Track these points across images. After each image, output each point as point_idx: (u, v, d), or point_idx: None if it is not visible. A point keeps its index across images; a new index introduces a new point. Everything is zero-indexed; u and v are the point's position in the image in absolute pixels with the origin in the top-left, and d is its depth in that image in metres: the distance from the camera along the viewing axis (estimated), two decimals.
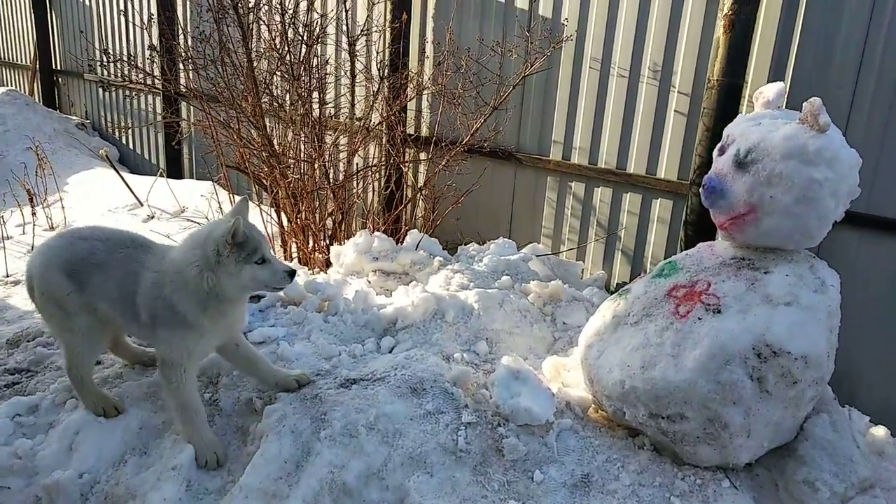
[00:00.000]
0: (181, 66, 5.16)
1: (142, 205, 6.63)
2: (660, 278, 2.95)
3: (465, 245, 4.63)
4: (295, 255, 4.92)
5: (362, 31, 4.76)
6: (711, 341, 2.52)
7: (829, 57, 3.62)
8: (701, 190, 2.78)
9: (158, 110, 7.49)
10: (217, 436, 2.81)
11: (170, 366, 2.66)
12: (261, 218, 5.15)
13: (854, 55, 3.56)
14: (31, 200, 6.32)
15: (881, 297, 3.67)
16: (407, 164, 5.13)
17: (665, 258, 4.17)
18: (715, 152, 2.85)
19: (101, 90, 8.76)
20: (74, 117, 9.40)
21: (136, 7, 7.55)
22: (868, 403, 3.47)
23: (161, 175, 7.11)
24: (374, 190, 5.23)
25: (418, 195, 5.03)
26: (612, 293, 4.27)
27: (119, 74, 7.76)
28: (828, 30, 3.60)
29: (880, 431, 3.16)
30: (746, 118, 2.81)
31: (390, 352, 3.36)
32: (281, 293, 3.75)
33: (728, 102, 3.76)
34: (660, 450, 2.78)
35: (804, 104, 2.52)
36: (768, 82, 3.57)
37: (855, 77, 3.58)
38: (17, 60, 10.84)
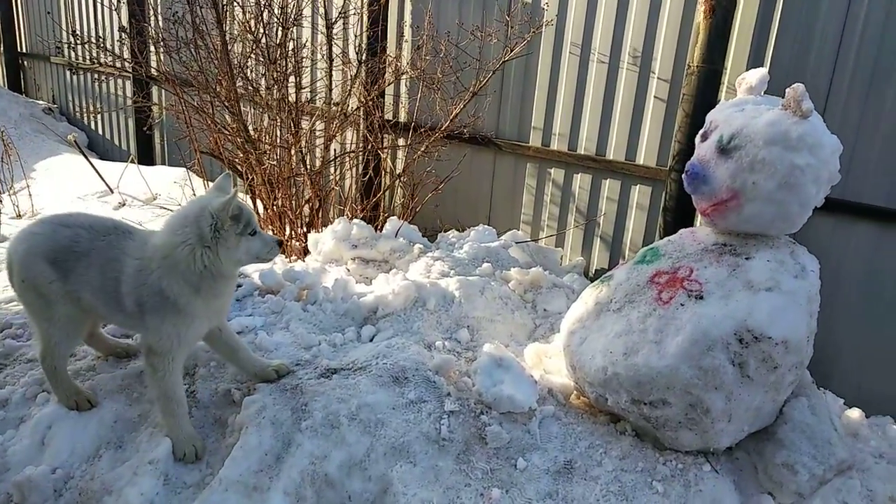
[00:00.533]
0: (153, 48, 5.02)
1: (112, 192, 6.47)
2: (642, 265, 2.95)
3: (445, 232, 4.60)
4: None
5: (340, 13, 4.67)
6: (694, 327, 2.53)
7: (807, 43, 3.64)
8: (684, 176, 2.78)
9: (129, 94, 7.31)
10: (195, 428, 2.76)
11: (157, 354, 2.58)
12: None
13: (832, 42, 3.58)
14: None
15: (855, 282, 3.72)
16: (385, 151, 5.07)
17: (644, 244, 4.20)
18: (697, 138, 2.85)
19: (68, 73, 8.51)
20: (41, 102, 9.14)
21: None
22: (842, 387, 3.53)
23: (132, 161, 6.94)
24: (351, 176, 5.16)
25: (397, 182, 4.98)
26: (591, 279, 4.28)
27: (87, 57, 7.54)
28: (806, 16, 3.62)
29: (855, 414, 3.22)
30: (729, 104, 2.81)
31: (371, 340, 3.32)
32: (258, 281, 3.69)
33: (708, 88, 3.76)
34: (641, 435, 2.79)
35: (787, 90, 2.52)
36: (748, 69, 3.58)
37: (833, 63, 3.60)
38: None
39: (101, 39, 5.23)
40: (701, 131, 2.85)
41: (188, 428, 2.69)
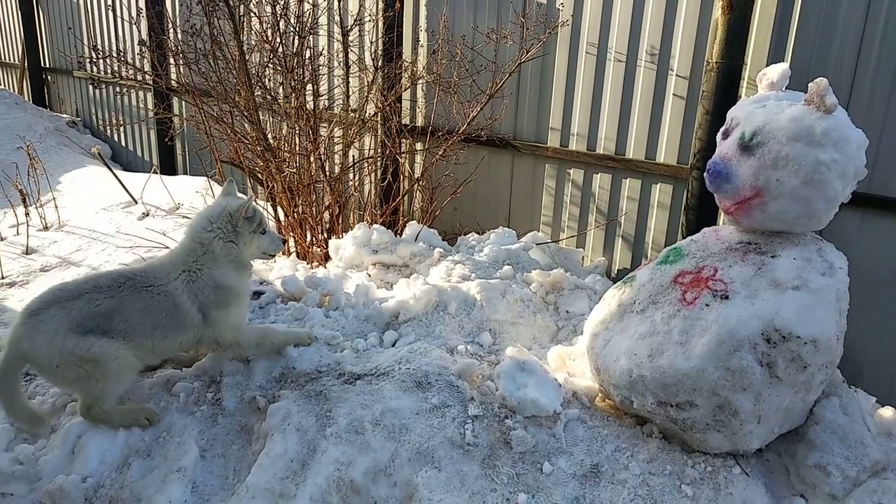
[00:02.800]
0: (172, 60, 5.08)
1: (136, 202, 6.56)
2: (665, 265, 2.91)
3: (465, 235, 4.59)
4: (293, 249, 4.87)
5: (355, 20, 4.69)
6: (720, 328, 2.49)
7: (829, 36, 3.58)
8: (705, 174, 2.74)
9: (150, 106, 7.41)
10: (223, 435, 2.81)
11: (233, 333, 2.96)
12: None
13: (855, 34, 3.52)
14: (24, 201, 6.24)
15: (884, 277, 3.65)
16: (403, 155, 5.08)
17: (666, 244, 4.16)
18: (719, 136, 2.81)
19: (91, 87, 8.66)
20: (65, 115, 9.30)
21: (125, 1, 7.44)
22: (874, 385, 3.45)
23: (154, 172, 7.04)
24: (370, 182, 5.19)
25: (416, 186, 4.98)
26: (613, 280, 4.25)
27: (109, 71, 7.67)
28: (828, 8, 3.56)
29: (888, 412, 3.14)
30: (751, 100, 2.76)
31: (393, 345, 3.33)
32: (281, 288, 3.71)
33: (727, 85, 3.72)
34: (669, 438, 2.76)
35: (810, 85, 2.48)
36: (768, 64, 3.53)
37: (856, 56, 3.53)
38: (5, 59, 10.72)
39: (121, 53, 5.30)
40: (722, 129, 2.81)
41: (289, 331, 3.18)
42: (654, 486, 2.54)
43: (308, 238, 4.75)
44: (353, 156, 5.09)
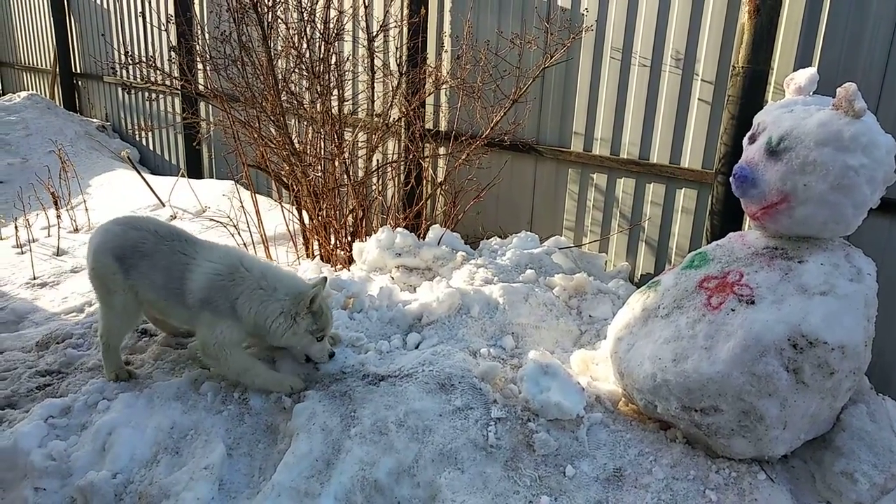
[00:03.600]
0: (200, 66, 5.17)
1: (164, 205, 6.68)
2: (690, 269, 2.90)
3: (488, 239, 4.61)
4: (317, 252, 4.92)
5: (381, 26, 4.74)
6: (746, 332, 2.48)
7: (858, 39, 3.54)
8: (732, 179, 2.74)
9: (178, 111, 7.54)
10: (250, 434, 2.87)
11: (217, 348, 2.93)
12: (283, 216, 5.17)
13: (884, 37, 3.48)
14: (55, 203, 6.40)
15: None
16: (427, 160, 5.11)
17: (690, 249, 4.14)
18: (745, 140, 2.80)
19: (120, 92, 8.83)
20: (95, 120, 9.51)
21: (154, 8, 7.60)
22: None
23: (182, 175, 7.16)
24: (394, 186, 5.23)
25: (439, 190, 5.01)
26: (637, 285, 4.24)
27: (139, 76, 7.82)
28: (856, 12, 3.52)
29: None
30: (778, 105, 2.75)
31: (416, 348, 3.35)
32: None
33: (754, 89, 3.69)
34: (692, 443, 2.74)
35: (838, 90, 2.46)
36: (795, 69, 3.51)
37: (885, 60, 3.49)
38: (37, 65, 10.98)
39: (152, 59, 5.41)
40: (748, 133, 2.80)
41: (275, 376, 3.03)
42: (677, 490, 2.53)
43: (332, 241, 4.81)
44: (377, 160, 5.14)
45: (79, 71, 9.90)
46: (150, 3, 7.69)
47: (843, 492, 2.49)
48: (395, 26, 4.92)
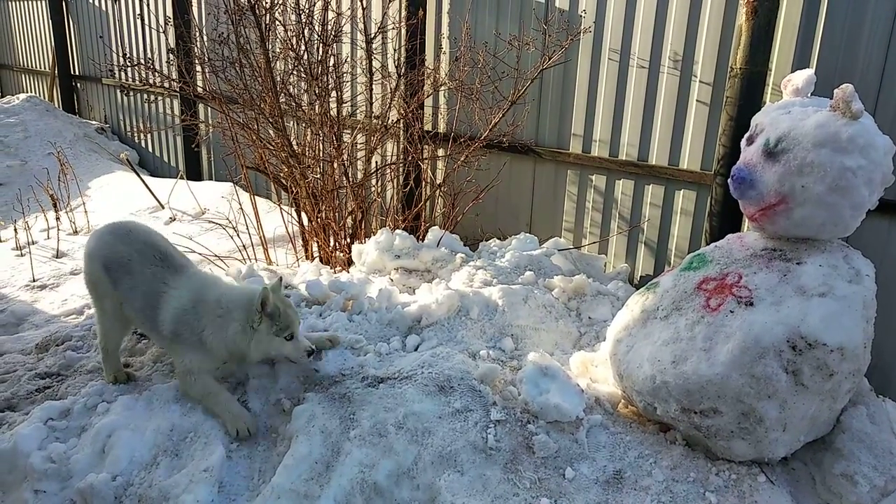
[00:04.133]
0: (199, 68, 5.18)
1: (163, 207, 6.68)
2: (689, 271, 2.91)
3: (487, 241, 4.61)
4: (316, 254, 4.92)
5: (379, 28, 4.75)
6: (744, 334, 2.48)
7: (855, 41, 3.55)
8: (730, 181, 2.74)
9: (177, 113, 7.54)
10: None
11: (184, 374, 2.96)
12: (282, 218, 5.17)
13: (881, 38, 3.48)
14: (54, 205, 6.40)
15: None
16: (426, 161, 5.12)
17: (689, 250, 4.14)
18: (743, 142, 2.81)
19: (119, 94, 8.83)
20: (94, 122, 9.51)
21: (153, 10, 7.60)
22: None
23: (181, 177, 7.16)
24: (393, 188, 5.23)
25: (438, 192, 5.01)
26: (636, 286, 4.24)
27: (138, 78, 7.82)
28: (853, 13, 3.53)
29: None
30: (775, 107, 2.76)
31: (416, 350, 3.35)
32: (305, 293, 3.76)
33: (752, 91, 3.70)
34: (692, 445, 2.75)
35: (836, 91, 2.47)
36: (793, 70, 3.51)
37: (883, 61, 3.50)
38: (36, 67, 10.97)
39: (150, 61, 5.41)
40: (746, 135, 2.81)
41: (233, 410, 2.91)
42: (677, 493, 2.54)
43: (331, 243, 4.81)
44: (376, 162, 5.14)
45: (77, 73, 9.90)
46: (148, 5, 7.69)
47: (843, 494, 2.49)
48: (394, 28, 4.92)
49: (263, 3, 4.40)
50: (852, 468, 2.50)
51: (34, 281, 5.20)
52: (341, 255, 4.77)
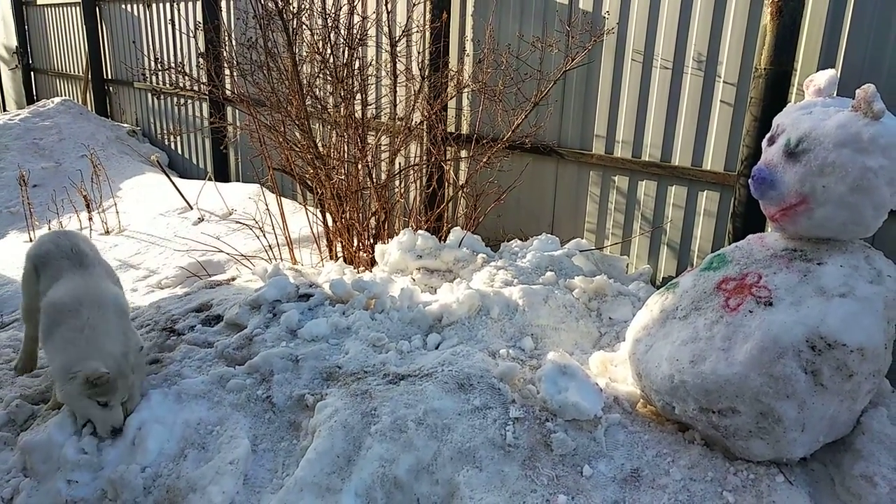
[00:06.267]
0: (228, 71, 5.29)
1: (191, 208, 6.82)
2: (708, 271, 2.91)
3: (508, 242, 4.64)
4: (340, 254, 5.00)
5: (403, 31, 4.81)
6: (763, 334, 2.48)
7: (882, 40, 3.51)
8: (750, 181, 2.74)
9: (206, 115, 7.70)
10: (273, 430, 2.94)
11: (58, 382, 2.90)
12: (307, 219, 5.26)
13: None
14: (87, 206, 6.58)
15: None
16: (448, 163, 5.16)
17: (712, 251, 4.12)
18: (764, 142, 2.80)
19: (150, 97, 9.04)
20: (125, 125, 9.74)
21: (183, 16, 7.77)
22: None
23: (209, 179, 7.30)
24: (416, 189, 5.28)
25: (460, 193, 5.06)
26: (658, 287, 4.23)
27: (168, 82, 7.99)
28: (881, 12, 3.49)
29: None
30: (797, 107, 2.75)
31: (436, 348, 3.40)
32: (329, 291, 3.83)
33: (776, 91, 3.68)
34: (711, 444, 2.75)
35: (857, 91, 2.46)
36: (818, 69, 3.48)
37: None
38: (70, 71, 11.26)
39: (181, 65, 5.55)
40: (768, 135, 2.80)
41: (99, 415, 2.84)
42: (694, 491, 2.54)
43: (355, 243, 4.88)
44: (400, 163, 5.20)
45: (110, 77, 10.14)
46: (179, 11, 7.87)
47: (862, 495, 2.47)
48: (418, 31, 4.98)
49: (291, 7, 4.49)
50: (872, 469, 2.48)
51: None
52: (364, 255, 4.84)
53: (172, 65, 5.60)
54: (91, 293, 3.03)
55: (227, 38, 5.56)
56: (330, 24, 4.53)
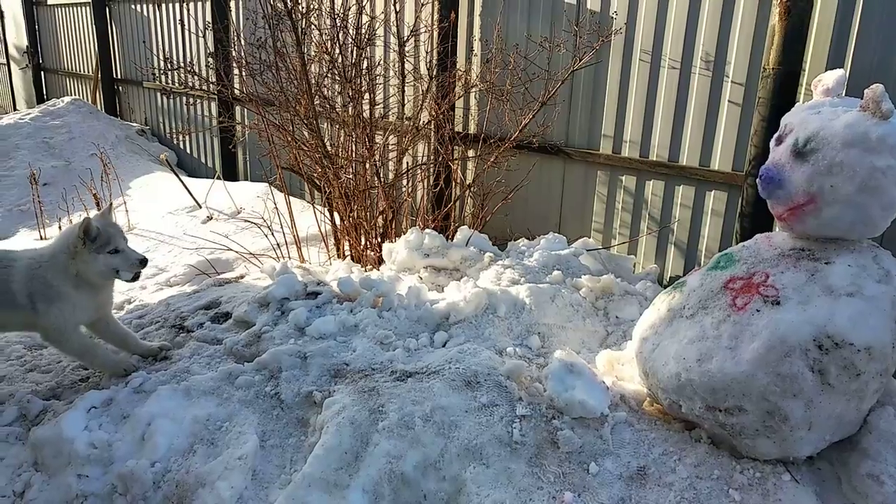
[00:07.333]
0: (237, 71, 5.32)
1: (200, 207, 6.86)
2: (716, 270, 2.91)
3: (515, 241, 4.65)
4: (348, 252, 5.02)
5: (411, 31, 4.83)
6: (770, 333, 2.48)
7: (891, 40, 3.50)
8: (758, 180, 2.74)
9: (214, 115, 7.74)
10: (280, 426, 2.97)
11: (54, 331, 3.21)
12: (315, 217, 5.28)
13: None
14: (97, 204, 6.62)
15: None
16: (456, 162, 5.18)
17: (720, 251, 4.11)
18: (772, 142, 2.80)
19: (159, 97, 9.09)
20: (135, 124, 9.80)
21: (193, 16, 7.81)
22: None
23: (218, 178, 7.34)
24: (423, 188, 5.31)
25: (467, 192, 5.07)
26: (665, 287, 4.23)
27: (178, 82, 8.04)
28: (890, 12, 3.49)
29: None
30: (805, 107, 2.75)
31: (443, 346, 3.41)
32: (337, 289, 3.85)
33: (784, 91, 3.68)
34: (717, 443, 2.75)
35: (865, 91, 2.45)
36: (827, 69, 3.48)
37: None
38: (80, 71, 11.34)
39: (190, 65, 5.59)
40: (775, 135, 2.80)
41: (112, 357, 3.41)
42: (700, 489, 2.55)
43: (362, 242, 4.90)
44: (407, 162, 5.22)
45: (120, 77, 10.21)
46: (188, 11, 7.91)
47: (869, 494, 2.47)
48: (426, 31, 5.00)
49: (300, 7, 4.52)
50: (878, 468, 2.48)
51: None
52: (372, 253, 4.86)
53: (182, 64, 5.64)
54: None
55: (236, 38, 5.59)
56: (338, 24, 4.55)
